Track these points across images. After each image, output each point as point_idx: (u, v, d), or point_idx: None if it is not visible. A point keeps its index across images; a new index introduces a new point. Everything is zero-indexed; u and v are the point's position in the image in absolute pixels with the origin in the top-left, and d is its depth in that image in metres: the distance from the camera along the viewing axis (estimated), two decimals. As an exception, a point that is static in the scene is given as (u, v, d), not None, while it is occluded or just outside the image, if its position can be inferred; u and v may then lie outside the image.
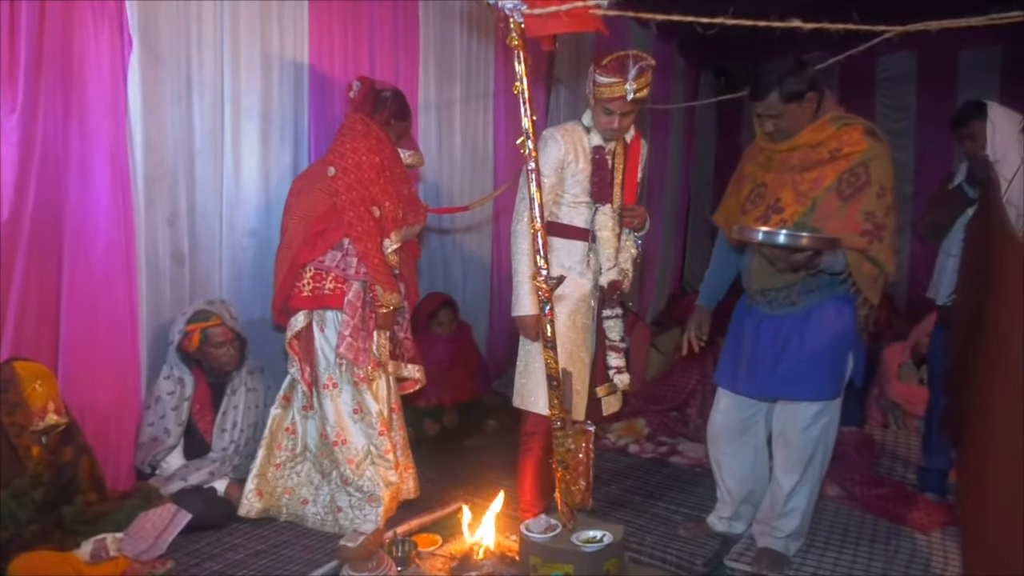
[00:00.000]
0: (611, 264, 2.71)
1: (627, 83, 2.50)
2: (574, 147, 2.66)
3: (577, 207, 2.70)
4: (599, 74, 2.54)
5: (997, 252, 2.22)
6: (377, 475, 2.79)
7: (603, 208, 2.68)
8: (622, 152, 2.74)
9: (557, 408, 2.24)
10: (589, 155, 2.68)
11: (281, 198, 3.26)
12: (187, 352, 2.81)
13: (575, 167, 2.66)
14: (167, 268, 2.91)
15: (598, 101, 2.60)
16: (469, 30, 4.22)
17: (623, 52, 2.52)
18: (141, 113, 2.73)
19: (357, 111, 2.89)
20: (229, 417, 2.90)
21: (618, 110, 2.57)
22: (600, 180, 2.67)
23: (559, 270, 2.59)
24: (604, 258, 2.70)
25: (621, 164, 2.73)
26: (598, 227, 2.68)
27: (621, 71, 2.51)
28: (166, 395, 2.77)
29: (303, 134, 3.33)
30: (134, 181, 2.74)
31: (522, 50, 2.10)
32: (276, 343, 3.31)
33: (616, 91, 2.53)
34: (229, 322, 2.87)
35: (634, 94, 2.52)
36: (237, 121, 3.09)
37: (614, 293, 2.72)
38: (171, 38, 2.81)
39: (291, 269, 2.79)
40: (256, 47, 3.11)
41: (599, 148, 2.68)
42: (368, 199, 2.75)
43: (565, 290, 2.64)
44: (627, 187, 2.75)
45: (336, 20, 3.39)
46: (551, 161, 2.63)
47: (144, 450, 2.75)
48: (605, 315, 2.73)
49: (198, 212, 3.01)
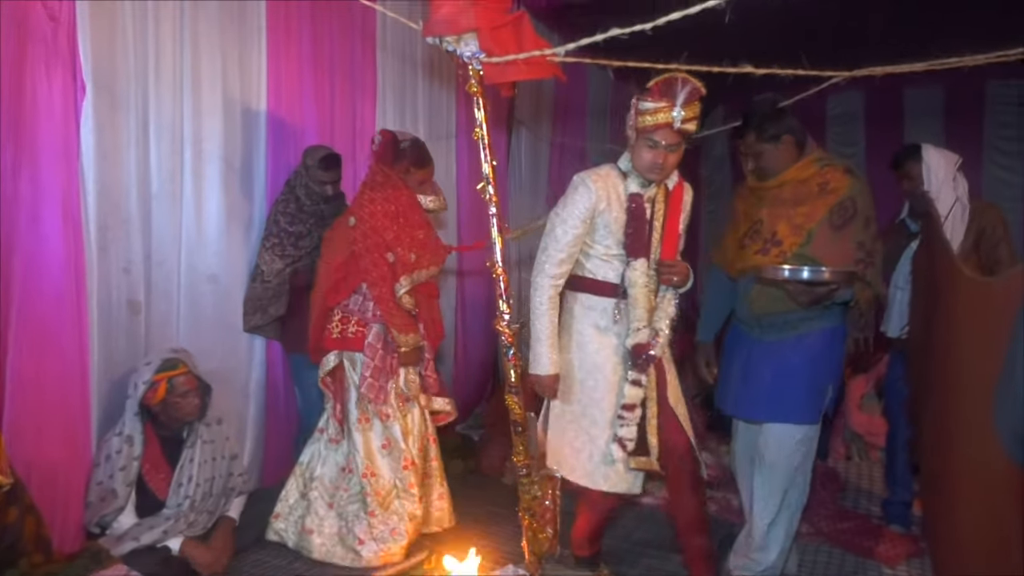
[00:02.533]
0: (642, 324, 2.42)
1: (675, 109, 2.24)
2: (607, 194, 2.40)
3: (610, 261, 2.45)
4: (643, 101, 2.30)
5: (943, 283, 2.28)
6: (403, 509, 2.92)
7: (636, 263, 2.41)
8: (663, 200, 2.47)
9: (522, 454, 2.21)
10: (624, 203, 2.41)
11: (241, 243, 3.23)
12: (148, 405, 2.72)
13: (608, 216, 2.40)
14: (121, 317, 2.83)
15: (640, 133, 2.33)
16: (430, 72, 4.25)
17: (670, 74, 2.26)
18: (95, 158, 2.67)
19: (378, 162, 3.03)
20: (185, 471, 2.81)
21: (664, 140, 2.30)
22: (635, 231, 2.41)
23: (590, 331, 2.46)
24: (635, 317, 2.42)
25: (661, 213, 2.46)
26: (629, 283, 2.41)
27: (668, 95, 2.25)
28: (115, 453, 2.67)
29: (260, 178, 3.30)
30: (86, 227, 2.67)
31: (481, 97, 2.12)
32: (236, 391, 3.25)
33: (662, 118, 2.26)
34: (194, 370, 2.80)
35: (681, 123, 2.26)
36: (198, 165, 3.05)
37: (639, 356, 2.41)
38: (128, 82, 2.76)
39: (321, 312, 3.01)
40: (217, 90, 3.08)
41: (636, 196, 2.41)
42: (382, 246, 2.88)
43: (590, 345, 2.47)
44: (666, 239, 2.47)
45: (294, 63, 3.39)
46: (580, 209, 2.39)
47: (92, 509, 2.64)
48: (631, 378, 2.43)
49: (155, 258, 2.95)
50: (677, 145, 2.33)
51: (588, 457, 2.44)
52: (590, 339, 2.47)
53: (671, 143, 2.31)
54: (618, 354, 2.46)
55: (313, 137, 3.46)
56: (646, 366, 2.42)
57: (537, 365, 2.44)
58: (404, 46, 4.04)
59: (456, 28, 2.00)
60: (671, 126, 2.26)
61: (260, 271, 3.19)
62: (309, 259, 3.22)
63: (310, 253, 3.22)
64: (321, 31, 3.51)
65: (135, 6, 2.75)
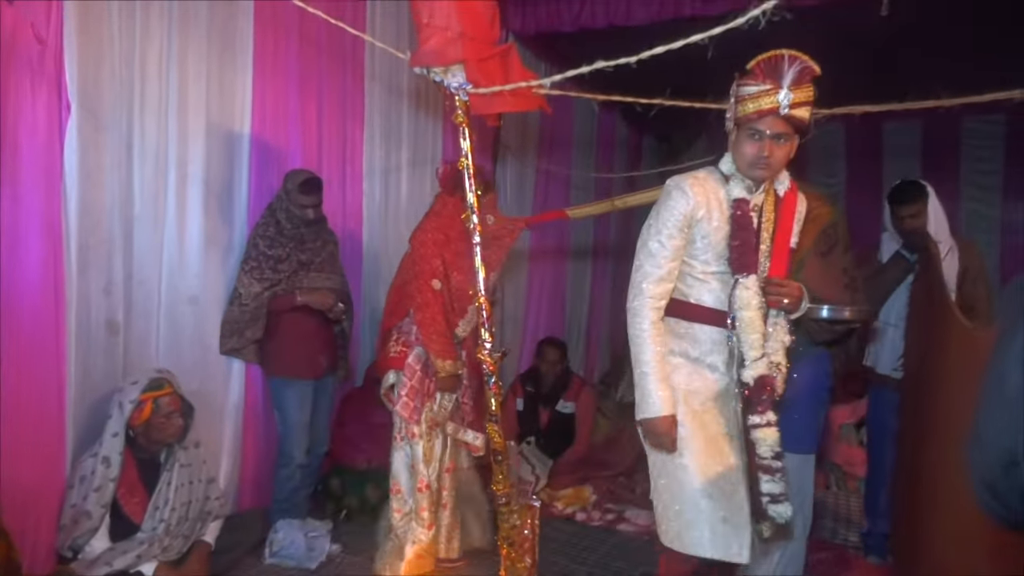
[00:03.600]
0: (757, 355, 2.02)
1: (781, 91, 1.90)
2: (707, 200, 2.05)
3: (707, 280, 2.09)
4: (743, 85, 1.98)
5: (939, 325, 2.31)
6: (411, 530, 2.98)
7: (745, 281, 2.03)
8: (772, 207, 2.10)
9: (502, 483, 2.21)
10: (727, 210, 2.06)
11: (221, 265, 3.22)
12: (131, 425, 2.68)
13: (707, 226, 2.05)
14: (100, 338, 2.80)
15: (742, 124, 2.00)
16: (418, 98, 4.28)
17: (776, 51, 1.94)
18: (78, 179, 2.66)
19: (441, 191, 3.09)
20: (162, 495, 2.77)
21: (768, 130, 1.95)
22: (742, 243, 2.04)
23: (686, 365, 2.10)
24: (748, 346, 2.03)
25: (770, 223, 2.09)
26: (739, 305, 2.03)
27: (774, 75, 1.92)
28: (90, 474, 2.63)
29: (242, 201, 3.30)
30: (67, 247, 2.65)
31: (467, 127, 2.14)
32: (214, 414, 3.22)
33: (766, 102, 1.92)
34: (178, 391, 2.78)
35: (790, 107, 1.91)
36: (181, 187, 3.05)
37: (762, 393, 2.02)
38: (113, 104, 2.76)
39: (382, 333, 3.20)
40: (201, 114, 3.09)
41: (741, 201, 2.05)
42: (428, 272, 2.93)
43: (693, 384, 2.09)
44: (775, 254, 2.09)
45: (281, 88, 3.41)
46: (676, 217, 2.05)
47: (65, 532, 2.59)
48: (752, 422, 2.03)
49: (135, 279, 2.93)
50: (786, 136, 1.97)
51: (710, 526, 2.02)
52: (687, 375, 2.09)
53: (778, 132, 1.95)
54: (727, 395, 2.10)
55: (299, 161, 3.47)
56: (770, 405, 2.02)
57: (646, 407, 2.03)
58: (392, 73, 4.07)
59: (443, 60, 2.02)
60: (777, 111, 1.91)
61: (238, 294, 3.18)
62: (288, 283, 3.21)
63: (289, 277, 3.21)
64: (309, 57, 3.54)
65: (122, 29, 2.76)
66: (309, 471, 3.45)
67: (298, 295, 3.21)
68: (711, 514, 2.01)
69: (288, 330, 3.23)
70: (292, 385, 3.27)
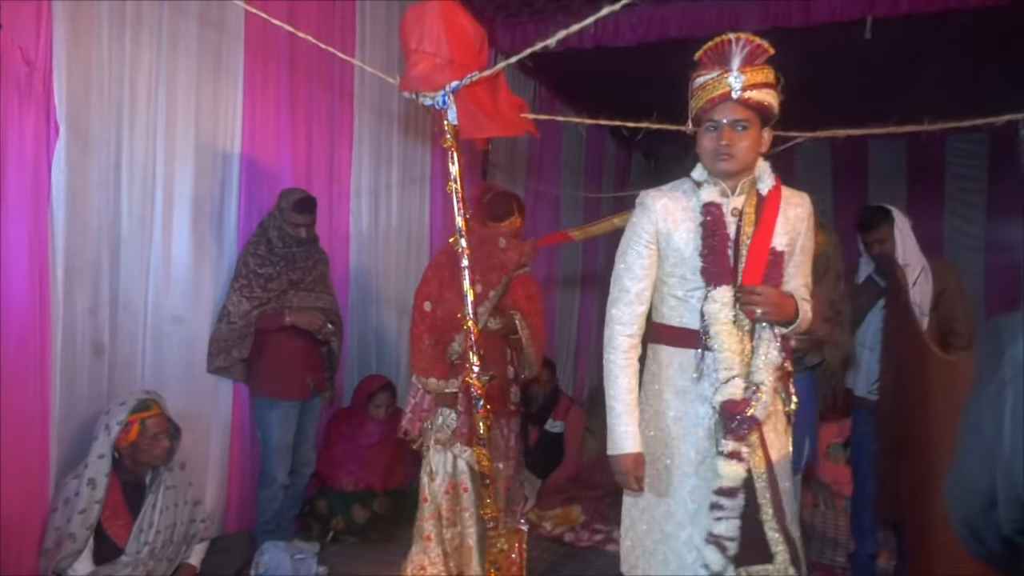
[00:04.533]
0: (727, 375, 1.82)
1: (731, 74, 1.77)
2: (672, 211, 1.91)
3: (687, 299, 1.91)
4: (695, 79, 1.86)
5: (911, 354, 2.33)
6: (412, 551, 2.90)
7: (715, 292, 1.84)
8: (753, 209, 1.90)
9: (489, 507, 2.20)
10: (697, 217, 1.89)
11: (209, 286, 3.21)
12: (117, 447, 2.67)
13: (676, 238, 1.90)
14: (85, 359, 2.79)
15: (700, 119, 1.86)
16: (406, 118, 4.30)
17: (721, 36, 1.81)
18: (65, 200, 2.65)
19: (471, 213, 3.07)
20: (146, 517, 2.74)
21: (725, 118, 1.80)
22: (710, 251, 1.86)
23: (668, 395, 1.92)
24: (722, 365, 1.83)
25: (750, 227, 1.89)
26: (709, 319, 1.84)
27: (721, 59, 1.79)
28: (74, 496, 2.60)
29: (231, 221, 3.30)
30: (53, 269, 2.64)
31: (456, 151, 2.15)
32: (200, 435, 3.20)
33: (717, 88, 1.78)
34: (165, 412, 2.76)
35: (742, 90, 1.76)
36: (169, 208, 3.05)
37: (732, 418, 1.80)
38: (101, 125, 2.76)
39: None
40: (191, 134, 3.09)
41: (712, 206, 1.88)
42: (424, 295, 2.94)
43: (667, 412, 1.92)
44: (751, 258, 1.86)
45: (271, 109, 3.42)
46: (637, 235, 1.93)
47: (48, 556, 2.56)
48: (724, 450, 1.81)
49: (121, 300, 2.92)
50: (745, 122, 1.80)
51: (663, 562, 1.89)
52: (668, 405, 1.91)
53: (736, 119, 1.80)
54: (703, 423, 1.87)
55: (288, 181, 3.48)
56: (744, 432, 1.80)
57: (611, 443, 1.91)
58: (381, 95, 4.09)
59: (432, 85, 2.04)
60: (729, 96, 1.77)
61: (227, 311, 3.17)
62: (277, 302, 3.20)
63: (278, 296, 3.20)
64: (298, 79, 3.55)
65: (111, 51, 2.76)
66: (295, 492, 3.43)
67: (287, 315, 3.20)
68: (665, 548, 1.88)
69: (276, 350, 3.22)
70: (277, 406, 3.25)
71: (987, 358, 0.93)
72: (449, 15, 2.04)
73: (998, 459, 0.89)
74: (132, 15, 2.84)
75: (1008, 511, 0.92)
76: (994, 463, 0.90)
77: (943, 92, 5.26)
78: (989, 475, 0.92)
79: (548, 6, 4.41)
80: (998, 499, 0.91)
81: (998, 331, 0.92)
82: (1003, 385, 0.88)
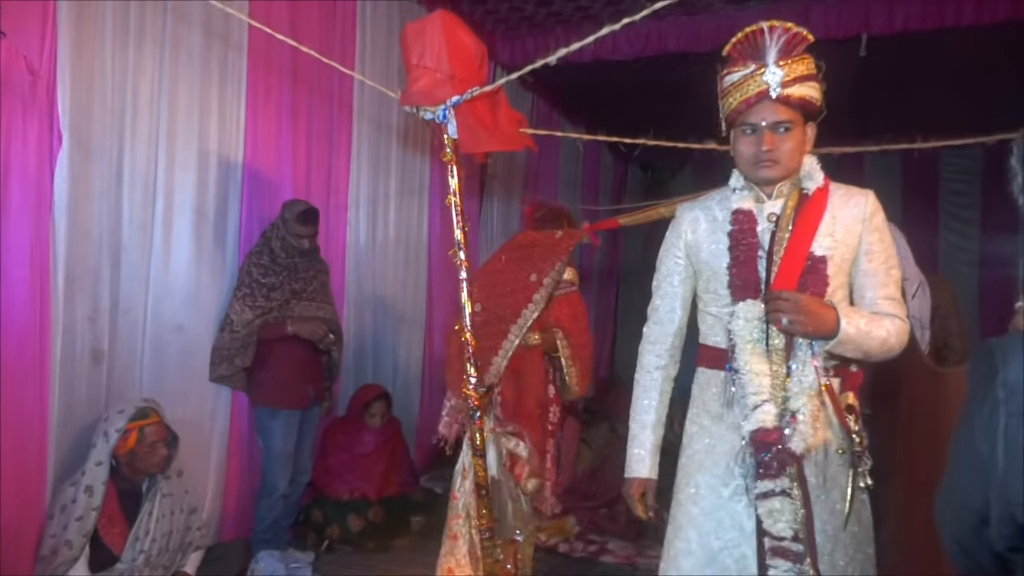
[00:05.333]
0: (756, 401, 1.60)
1: (767, 69, 1.58)
2: (701, 219, 1.77)
3: (720, 317, 1.73)
4: (725, 76, 1.68)
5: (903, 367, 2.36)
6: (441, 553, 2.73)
7: (739, 307, 1.66)
8: (791, 212, 1.68)
9: (486, 518, 2.21)
10: (728, 226, 1.72)
11: (210, 294, 3.23)
12: (115, 454, 2.67)
13: (705, 250, 1.75)
14: (84, 366, 2.80)
15: (733, 122, 1.68)
16: (404, 129, 4.33)
17: (754, 26, 1.62)
18: (67, 208, 2.67)
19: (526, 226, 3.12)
20: (143, 525, 2.75)
21: (764, 120, 1.61)
22: (737, 262, 1.68)
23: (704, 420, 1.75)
24: (751, 389, 1.62)
25: (786, 233, 1.67)
26: (736, 337, 1.65)
27: (755, 53, 1.61)
28: (71, 503, 2.61)
29: (234, 230, 3.32)
30: (54, 276, 2.66)
31: (455, 165, 2.17)
32: (198, 443, 3.20)
33: (752, 87, 1.60)
34: (164, 420, 2.77)
35: (781, 86, 1.57)
36: (170, 216, 3.07)
37: (765, 450, 1.58)
38: (103, 134, 2.79)
39: None
40: (193, 143, 3.12)
41: (741, 213, 1.70)
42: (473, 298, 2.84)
43: (696, 441, 1.76)
44: (785, 262, 1.64)
45: (272, 119, 3.45)
46: (667, 249, 1.83)
47: (44, 563, 2.56)
48: (759, 491, 1.59)
49: (121, 307, 2.93)
50: (788, 123, 1.61)
51: None
52: (703, 432, 1.74)
53: (777, 120, 1.61)
54: (734, 453, 1.66)
55: (288, 191, 3.50)
56: (779, 469, 1.57)
57: (626, 465, 1.83)
58: (380, 107, 4.13)
59: (433, 100, 2.06)
60: (767, 94, 1.59)
61: (229, 320, 3.19)
62: (280, 311, 3.22)
63: (281, 306, 3.23)
64: (299, 88, 3.58)
65: (115, 61, 2.79)
66: (291, 501, 3.44)
67: (289, 324, 3.22)
68: None
69: (277, 359, 3.24)
70: (278, 415, 3.27)
71: (980, 379, 0.96)
72: (450, 30, 2.07)
73: (992, 478, 0.92)
74: (136, 24, 2.87)
75: (1001, 528, 0.94)
76: (988, 482, 0.92)
77: (938, 108, 5.32)
78: (982, 493, 0.94)
79: (547, 20, 4.46)
80: (991, 517, 0.94)
81: (991, 353, 0.95)
82: (996, 405, 0.91)
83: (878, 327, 1.62)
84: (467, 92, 2.03)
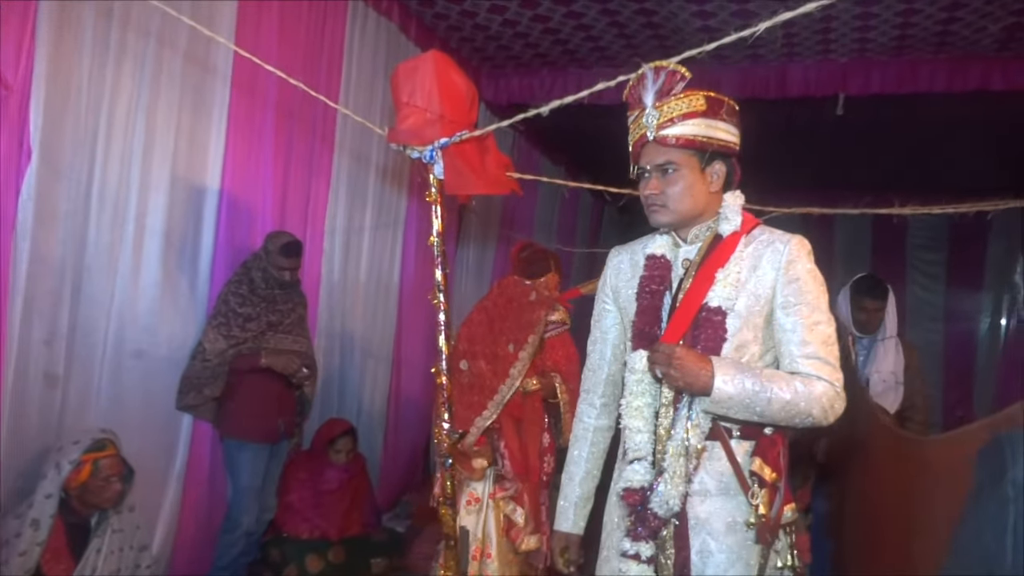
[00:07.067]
0: (638, 455, 1.55)
1: (646, 111, 1.53)
2: (625, 264, 1.72)
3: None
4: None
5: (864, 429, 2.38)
6: None
7: (634, 356, 1.60)
8: (700, 259, 1.60)
9: (452, 569, 2.15)
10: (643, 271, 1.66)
11: (177, 321, 3.13)
12: (67, 488, 2.55)
13: (623, 296, 1.69)
14: (37, 392, 2.67)
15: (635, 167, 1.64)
16: (384, 163, 4.30)
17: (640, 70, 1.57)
18: (32, 226, 2.58)
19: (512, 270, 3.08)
20: (89, 563, 2.61)
21: (647, 163, 1.56)
22: (642, 307, 1.61)
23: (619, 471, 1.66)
24: (629, 444, 1.58)
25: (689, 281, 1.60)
26: (626, 388, 1.61)
27: (635, 98, 1.56)
28: (14, 537, 2.47)
29: (207, 257, 3.24)
30: (12, 296, 2.55)
31: (440, 205, 2.14)
32: (153, 477, 3.08)
33: (636, 131, 1.57)
34: (120, 453, 2.65)
35: (658, 128, 1.51)
36: (139, 240, 2.97)
37: (631, 510, 1.55)
38: (74, 152, 2.70)
39: None
40: (167, 167, 3.04)
41: (653, 259, 1.63)
42: (459, 354, 2.83)
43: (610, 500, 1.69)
44: (676, 314, 1.56)
45: (253, 145, 3.39)
46: (600, 297, 1.77)
47: (-18, 602, 2.43)
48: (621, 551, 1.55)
49: (80, 331, 2.82)
50: (672, 165, 1.54)
51: None
52: (615, 481, 1.68)
53: (659, 162, 1.54)
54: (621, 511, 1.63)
55: (266, 220, 3.44)
56: (648, 531, 1.51)
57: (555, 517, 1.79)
58: (361, 140, 4.09)
59: (421, 139, 2.04)
60: (646, 138, 1.54)
61: (202, 348, 3.09)
62: (254, 343, 3.14)
63: (256, 337, 3.15)
64: (281, 118, 3.53)
65: (92, 79, 2.71)
66: (253, 540, 3.32)
67: (263, 356, 3.15)
68: None
69: (248, 391, 3.15)
70: (247, 448, 3.17)
71: (989, 475, 0.95)
72: (442, 71, 2.06)
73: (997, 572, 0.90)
74: (116, 44, 2.80)
75: None
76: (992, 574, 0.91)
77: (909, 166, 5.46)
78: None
79: (534, 60, 4.49)
80: None
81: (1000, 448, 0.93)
82: (1005, 503, 0.90)
83: (780, 389, 1.44)
84: (456, 135, 2.02)
